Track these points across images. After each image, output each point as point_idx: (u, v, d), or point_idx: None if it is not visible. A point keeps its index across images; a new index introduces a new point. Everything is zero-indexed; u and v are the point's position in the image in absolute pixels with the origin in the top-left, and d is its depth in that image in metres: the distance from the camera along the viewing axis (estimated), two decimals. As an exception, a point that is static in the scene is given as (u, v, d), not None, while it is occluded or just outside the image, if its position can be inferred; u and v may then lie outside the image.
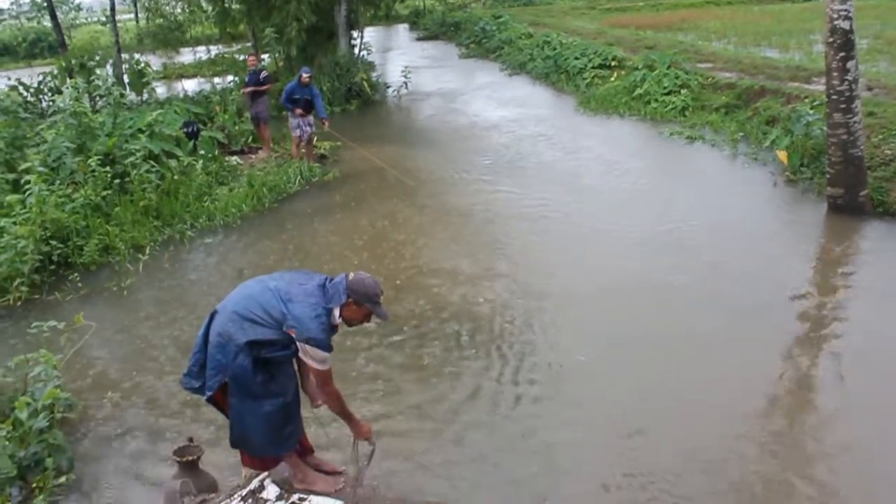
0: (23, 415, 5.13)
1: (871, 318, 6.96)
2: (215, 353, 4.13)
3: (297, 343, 4.01)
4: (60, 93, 11.96)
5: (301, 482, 4.58)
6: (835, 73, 9.16)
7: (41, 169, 9.10)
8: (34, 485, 4.98)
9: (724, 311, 7.13)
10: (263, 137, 14.17)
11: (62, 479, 5.07)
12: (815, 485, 4.82)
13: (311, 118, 12.91)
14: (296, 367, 4.45)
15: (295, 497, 4.48)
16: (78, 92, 11.61)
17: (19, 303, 8.04)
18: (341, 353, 6.10)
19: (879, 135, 10.38)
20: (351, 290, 4.10)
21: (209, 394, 4.23)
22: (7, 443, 4.97)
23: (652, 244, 8.82)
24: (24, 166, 9.17)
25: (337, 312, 4.12)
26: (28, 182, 8.73)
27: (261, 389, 4.16)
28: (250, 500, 4.48)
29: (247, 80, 14.06)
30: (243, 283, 4.43)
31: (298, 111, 12.71)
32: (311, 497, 4.47)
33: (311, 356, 4.03)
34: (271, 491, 4.54)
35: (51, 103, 12.92)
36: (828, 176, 9.65)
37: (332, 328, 4.15)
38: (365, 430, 4.49)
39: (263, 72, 14.06)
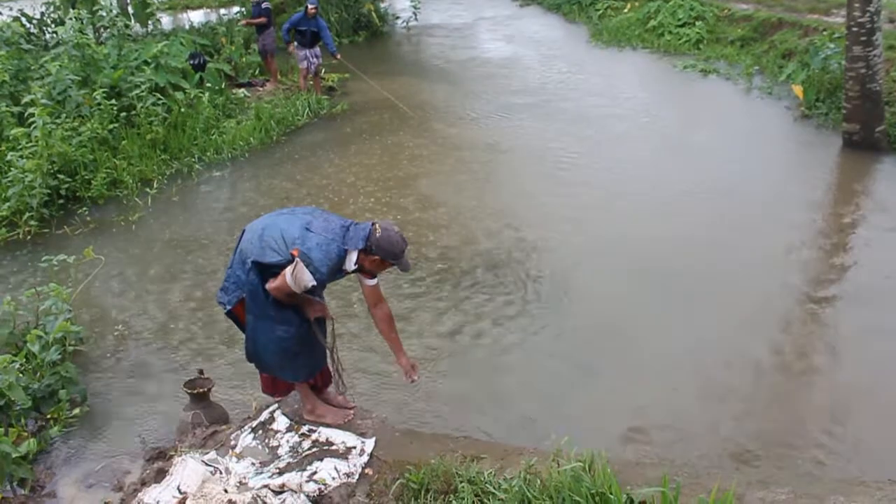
0: (35, 347, 5.19)
1: (882, 255, 6.92)
2: (236, 268, 4.20)
3: (296, 261, 3.93)
4: (63, 24, 11.70)
5: (310, 413, 4.63)
6: (856, 4, 8.90)
7: (45, 102, 8.99)
8: (49, 416, 5.07)
9: (737, 248, 7.10)
10: (271, 70, 13.96)
11: (76, 411, 5.15)
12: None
13: (318, 49, 12.70)
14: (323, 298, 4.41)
15: (304, 429, 4.55)
16: (82, 23, 11.39)
17: (29, 237, 8.04)
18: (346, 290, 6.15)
19: (899, 69, 10.16)
20: (376, 245, 3.98)
21: (228, 308, 4.30)
22: (21, 375, 5.03)
23: (664, 178, 8.75)
24: (27, 99, 9.07)
25: (354, 257, 4.04)
26: (33, 115, 8.65)
27: (273, 311, 4.15)
28: (260, 432, 4.56)
29: (253, 11, 13.85)
30: (275, 211, 4.42)
31: (291, 46, 12.74)
32: (321, 429, 4.54)
33: (294, 274, 3.93)
34: (281, 423, 4.61)
35: (54, 35, 12.67)
36: (844, 111, 9.48)
37: (341, 271, 4.11)
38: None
39: (264, 2, 13.75)
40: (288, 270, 3.96)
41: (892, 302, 6.15)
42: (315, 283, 3.98)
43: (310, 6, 12.35)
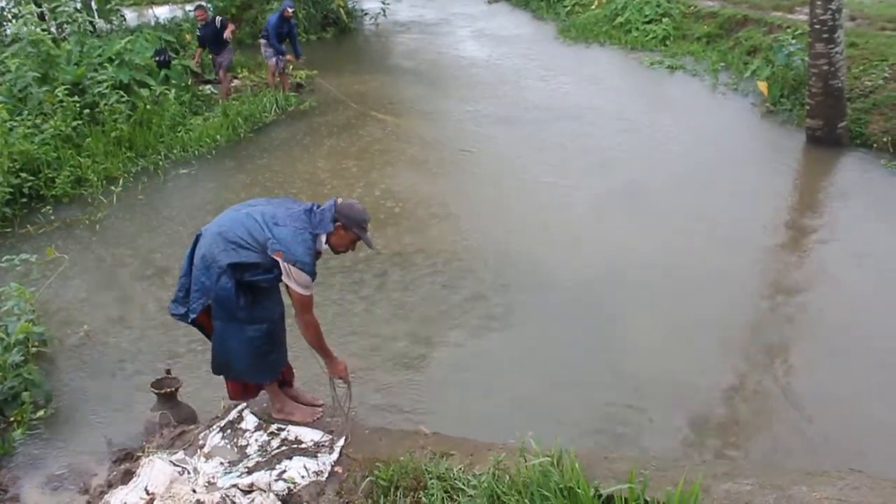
0: (-4, 349, 5.11)
1: (845, 248, 7.05)
2: (199, 275, 4.09)
3: (283, 265, 3.96)
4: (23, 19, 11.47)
5: (279, 412, 4.60)
6: (818, 2, 9.04)
7: (2, 99, 8.84)
8: (12, 419, 4.99)
9: (703, 247, 7.19)
10: (224, 85, 12.85)
11: (40, 413, 5.08)
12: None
13: (283, 47, 12.61)
14: (281, 296, 4.41)
15: (273, 427, 4.53)
16: (43, 19, 11.18)
17: (-10, 236, 7.92)
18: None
19: (860, 66, 10.31)
20: (340, 213, 4.06)
21: (193, 316, 4.18)
22: (-18, 377, 4.96)
23: (631, 177, 8.82)
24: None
25: (323, 238, 4.08)
26: (-9, 113, 8.52)
27: (244, 313, 4.12)
28: (229, 431, 4.53)
29: (199, 34, 12.54)
30: (230, 208, 4.35)
31: (289, 57, 12.59)
32: (289, 427, 4.52)
33: (294, 279, 3.98)
34: (250, 421, 4.58)
35: (12, 30, 12.43)
36: (807, 107, 9.63)
37: (317, 254, 4.12)
38: (340, 368, 4.43)
39: (218, 18, 12.58)
40: (287, 280, 4.00)
41: (853, 295, 6.26)
42: (311, 276, 4.01)
43: (288, 9, 12.30)
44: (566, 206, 8.19)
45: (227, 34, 12.23)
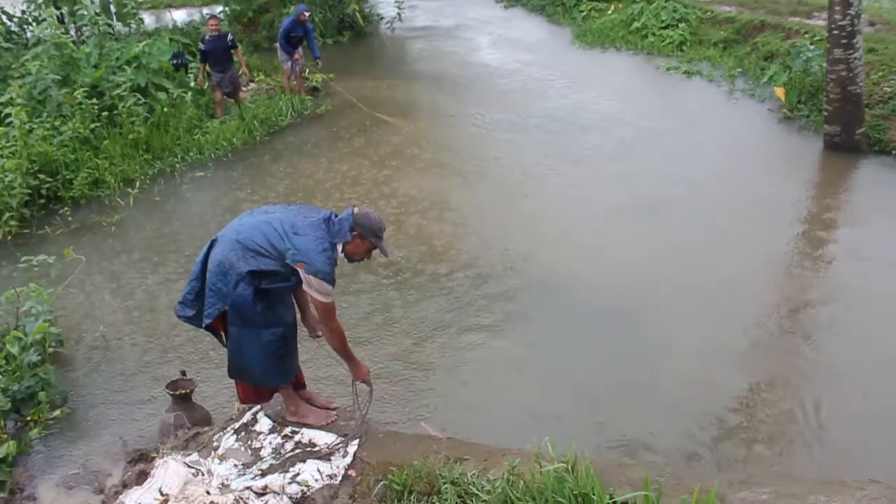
0: (14, 349, 5.15)
1: (862, 257, 6.98)
2: (215, 280, 4.08)
3: (303, 276, 3.97)
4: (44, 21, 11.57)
5: (293, 415, 4.62)
6: (837, 7, 8.98)
7: (20, 101, 8.93)
8: (29, 418, 5.02)
9: (720, 254, 7.13)
10: (238, 101, 12.15)
11: (56, 413, 5.11)
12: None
13: (301, 50, 12.66)
14: (293, 299, 4.44)
15: (287, 430, 4.54)
16: (63, 22, 11.27)
17: (9, 237, 7.97)
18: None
19: (879, 72, 10.24)
20: (357, 223, 4.08)
21: (208, 321, 4.17)
22: (0, 377, 4.99)
23: (648, 185, 8.78)
24: (4, 98, 8.98)
25: (340, 247, 4.11)
26: (10, 115, 8.58)
27: (260, 319, 4.13)
28: (243, 433, 4.54)
29: (204, 48, 11.38)
30: (246, 213, 4.37)
31: (297, 56, 12.52)
32: (303, 430, 4.53)
33: (316, 289, 3.99)
34: (264, 424, 4.60)
35: (34, 33, 12.56)
36: (825, 113, 9.56)
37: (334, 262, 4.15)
38: (363, 371, 4.47)
39: (229, 35, 11.85)
40: (307, 290, 4.02)
41: (873, 306, 6.19)
42: (332, 284, 4.03)
43: (305, 13, 12.33)
44: (583, 213, 8.15)
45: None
